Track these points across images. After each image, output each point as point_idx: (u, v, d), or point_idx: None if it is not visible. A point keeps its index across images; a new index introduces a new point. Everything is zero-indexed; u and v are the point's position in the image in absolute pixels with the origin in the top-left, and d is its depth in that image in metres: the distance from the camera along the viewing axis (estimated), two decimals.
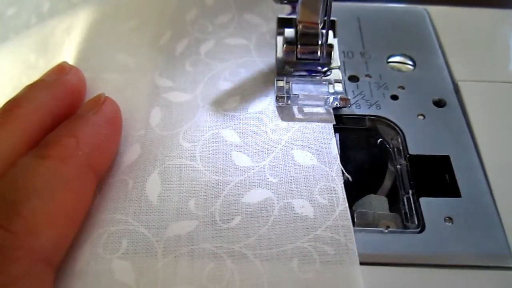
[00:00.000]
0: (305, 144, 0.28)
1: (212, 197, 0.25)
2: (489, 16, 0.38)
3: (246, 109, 0.30)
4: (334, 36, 0.33)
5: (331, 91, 0.30)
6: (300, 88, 0.30)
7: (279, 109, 0.30)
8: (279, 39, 0.33)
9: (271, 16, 0.35)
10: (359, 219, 0.26)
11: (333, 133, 0.28)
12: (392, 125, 0.30)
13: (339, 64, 0.32)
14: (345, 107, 0.30)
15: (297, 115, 0.29)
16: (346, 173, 0.27)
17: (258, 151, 0.28)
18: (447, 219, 0.25)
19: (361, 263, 0.23)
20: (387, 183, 0.29)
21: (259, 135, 0.28)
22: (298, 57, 0.31)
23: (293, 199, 0.25)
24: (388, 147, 0.30)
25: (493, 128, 0.29)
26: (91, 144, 0.25)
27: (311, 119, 0.29)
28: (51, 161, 0.23)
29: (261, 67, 0.32)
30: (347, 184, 0.26)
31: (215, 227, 0.24)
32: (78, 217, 0.24)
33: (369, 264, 0.23)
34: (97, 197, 0.26)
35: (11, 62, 0.40)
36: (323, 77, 0.31)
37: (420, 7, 0.38)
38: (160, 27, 0.35)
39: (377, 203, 0.28)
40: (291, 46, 0.31)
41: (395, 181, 0.28)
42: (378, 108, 0.30)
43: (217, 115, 0.29)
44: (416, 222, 0.26)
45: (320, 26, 0.30)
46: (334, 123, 0.29)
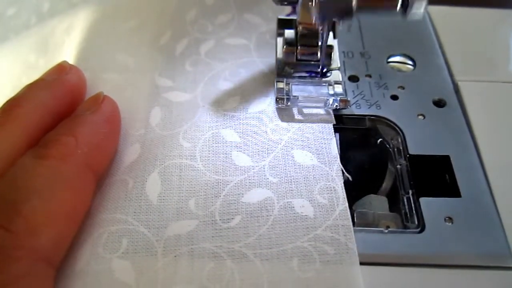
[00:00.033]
0: (305, 144, 0.28)
1: (212, 196, 0.25)
2: (489, 16, 0.38)
3: (246, 109, 0.30)
4: (334, 37, 0.33)
5: (331, 92, 0.30)
6: (300, 89, 0.30)
7: (279, 111, 0.30)
8: (279, 40, 0.33)
9: (271, 16, 0.35)
10: (359, 219, 0.26)
11: (333, 133, 0.28)
12: (392, 125, 0.30)
13: (339, 65, 0.32)
14: (345, 109, 0.30)
15: (297, 116, 0.29)
16: (346, 173, 0.27)
17: (258, 151, 0.28)
18: (447, 219, 0.25)
19: (361, 263, 0.23)
20: (387, 183, 0.29)
21: (259, 135, 0.28)
22: (298, 58, 0.31)
23: (293, 198, 0.25)
24: (388, 147, 0.30)
25: (493, 128, 0.29)
26: (90, 143, 0.25)
27: (311, 119, 0.29)
28: (51, 161, 0.23)
29: (261, 67, 0.32)
30: (347, 184, 0.26)
31: (215, 227, 0.24)
32: (78, 216, 0.24)
33: (369, 264, 0.23)
34: (97, 197, 0.26)
35: (11, 62, 0.40)
36: (323, 78, 0.31)
37: None
38: (160, 27, 0.35)
39: (377, 203, 0.27)
40: (291, 47, 0.31)
41: (395, 181, 0.28)
42: (378, 108, 0.30)
43: (217, 115, 0.29)
44: (416, 222, 0.26)
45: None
46: (334, 123, 0.29)
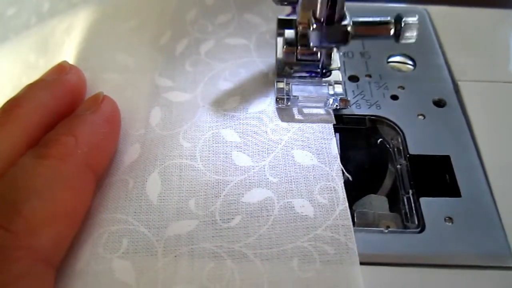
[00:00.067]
0: (305, 144, 0.28)
1: (212, 196, 0.25)
2: (489, 16, 0.38)
3: (246, 109, 0.30)
4: None
5: (331, 92, 0.30)
6: (300, 89, 0.30)
7: (279, 111, 0.30)
8: (279, 40, 0.33)
9: (271, 16, 0.35)
10: (359, 219, 0.26)
11: (333, 133, 0.28)
12: (392, 125, 0.30)
13: (339, 65, 0.32)
14: (345, 108, 0.30)
15: (297, 116, 0.29)
16: (346, 173, 0.27)
17: (258, 151, 0.28)
18: (447, 219, 0.25)
19: (361, 263, 0.23)
20: (387, 183, 0.29)
21: (259, 135, 0.28)
22: (298, 58, 0.31)
23: (293, 198, 0.25)
24: (388, 147, 0.30)
25: (493, 128, 0.29)
26: (90, 143, 0.25)
27: (311, 119, 0.29)
28: (51, 160, 0.23)
29: (261, 67, 0.32)
30: (347, 184, 0.26)
31: (215, 227, 0.24)
32: (78, 216, 0.24)
33: (369, 264, 0.23)
34: (98, 197, 0.26)
35: (11, 62, 0.40)
36: (323, 78, 0.31)
37: (420, 7, 0.38)
38: (160, 27, 0.35)
39: (377, 203, 0.28)
40: (291, 47, 0.31)
41: (395, 181, 0.28)
42: (378, 108, 0.30)
43: (217, 115, 0.29)
44: (416, 222, 0.26)
45: None
46: (334, 123, 0.29)
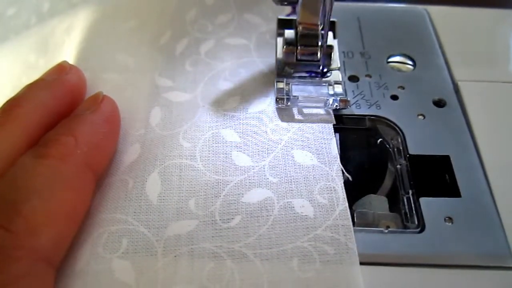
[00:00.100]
0: (305, 144, 0.28)
1: (212, 196, 0.25)
2: (489, 16, 0.38)
3: (246, 109, 0.30)
4: (334, 37, 0.33)
5: (331, 92, 0.30)
6: (300, 89, 0.30)
7: (279, 111, 0.30)
8: (279, 40, 0.33)
9: (271, 16, 0.35)
10: (359, 219, 0.26)
11: (333, 133, 0.28)
12: (392, 125, 0.30)
13: (339, 65, 0.32)
14: (345, 109, 0.30)
15: (297, 116, 0.29)
16: (346, 173, 0.27)
17: (258, 151, 0.28)
18: (447, 219, 0.25)
19: (361, 263, 0.23)
20: (387, 183, 0.29)
21: (259, 135, 0.28)
22: (298, 58, 0.31)
23: (293, 198, 0.25)
24: (388, 147, 0.30)
25: (493, 128, 0.29)
26: (90, 142, 0.25)
27: (311, 119, 0.29)
28: (50, 160, 0.23)
29: (261, 67, 0.32)
30: (347, 184, 0.26)
31: (215, 227, 0.24)
32: (78, 216, 0.24)
33: (369, 264, 0.23)
34: (97, 197, 0.26)
35: (11, 62, 0.40)
36: (323, 79, 0.31)
37: (420, 7, 0.38)
38: (160, 27, 0.35)
39: (377, 203, 0.27)
40: (291, 47, 0.31)
41: (395, 181, 0.28)
42: (378, 108, 0.30)
43: (217, 115, 0.29)
44: (416, 222, 0.26)
45: (320, 27, 0.30)
46: (334, 123, 0.29)
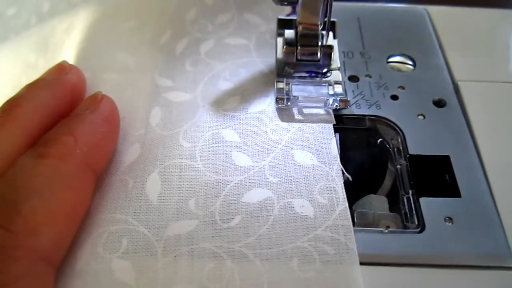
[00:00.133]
0: (305, 144, 0.28)
1: (212, 196, 0.25)
2: (489, 16, 0.38)
3: (246, 109, 0.30)
4: (334, 37, 0.33)
5: (331, 92, 0.30)
6: (300, 89, 0.30)
7: (279, 111, 0.30)
8: (279, 40, 0.33)
9: (271, 16, 0.35)
10: (359, 219, 0.26)
11: (333, 133, 0.28)
12: (392, 125, 0.30)
13: (339, 65, 0.32)
14: (345, 109, 0.30)
15: (297, 116, 0.29)
16: (346, 173, 0.27)
17: (258, 151, 0.28)
18: (447, 219, 0.25)
19: (361, 263, 0.23)
20: (387, 183, 0.29)
21: (259, 135, 0.28)
22: (298, 59, 0.31)
23: (293, 198, 0.25)
24: (388, 147, 0.30)
25: (493, 128, 0.29)
26: (89, 142, 0.25)
27: (311, 119, 0.29)
28: (50, 160, 0.23)
29: (261, 67, 0.32)
30: (347, 184, 0.26)
31: (215, 227, 0.24)
32: (77, 216, 0.24)
33: (369, 264, 0.23)
34: (97, 197, 0.26)
35: (11, 62, 0.40)
36: (323, 79, 0.31)
37: (420, 7, 0.38)
38: (160, 26, 0.35)
39: (377, 203, 0.27)
40: (291, 47, 0.31)
41: (395, 181, 0.28)
42: (378, 108, 0.30)
43: (217, 115, 0.29)
44: (416, 222, 0.26)
45: (320, 27, 0.30)
46: (334, 123, 0.29)
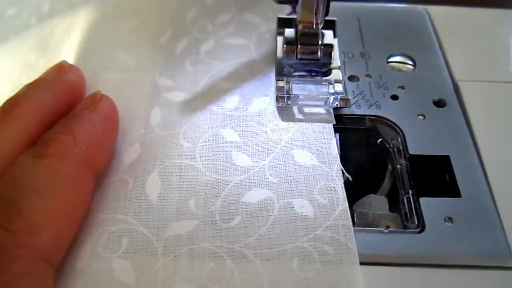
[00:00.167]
0: (305, 144, 0.28)
1: (212, 196, 0.25)
2: (489, 16, 0.38)
3: (246, 109, 0.30)
4: (334, 36, 0.33)
5: (331, 91, 0.30)
6: (300, 88, 0.30)
7: (279, 109, 0.30)
8: (279, 39, 0.33)
9: (271, 15, 0.35)
10: (359, 219, 0.26)
11: (333, 133, 0.28)
12: (392, 125, 0.30)
13: (339, 64, 0.32)
14: (345, 107, 0.30)
15: (297, 115, 0.29)
16: (346, 173, 0.27)
17: (258, 151, 0.28)
18: (447, 219, 0.25)
19: (361, 263, 0.23)
20: (387, 183, 0.29)
21: (259, 135, 0.28)
22: (298, 57, 0.32)
23: (293, 198, 0.25)
24: (388, 147, 0.30)
25: (493, 128, 0.29)
26: (88, 141, 0.25)
27: (311, 119, 0.29)
28: (50, 159, 0.23)
29: (261, 66, 0.32)
30: (347, 184, 0.26)
31: (215, 227, 0.24)
32: (77, 215, 0.24)
33: (369, 264, 0.23)
34: (97, 197, 0.26)
35: (11, 62, 0.40)
36: (323, 77, 0.31)
37: (420, 7, 0.38)
38: (160, 26, 0.35)
39: (377, 203, 0.27)
40: (291, 46, 0.31)
41: (395, 181, 0.28)
42: (378, 108, 0.30)
43: (217, 115, 0.29)
44: (416, 222, 0.26)
45: (320, 26, 0.30)
46: (334, 123, 0.29)
